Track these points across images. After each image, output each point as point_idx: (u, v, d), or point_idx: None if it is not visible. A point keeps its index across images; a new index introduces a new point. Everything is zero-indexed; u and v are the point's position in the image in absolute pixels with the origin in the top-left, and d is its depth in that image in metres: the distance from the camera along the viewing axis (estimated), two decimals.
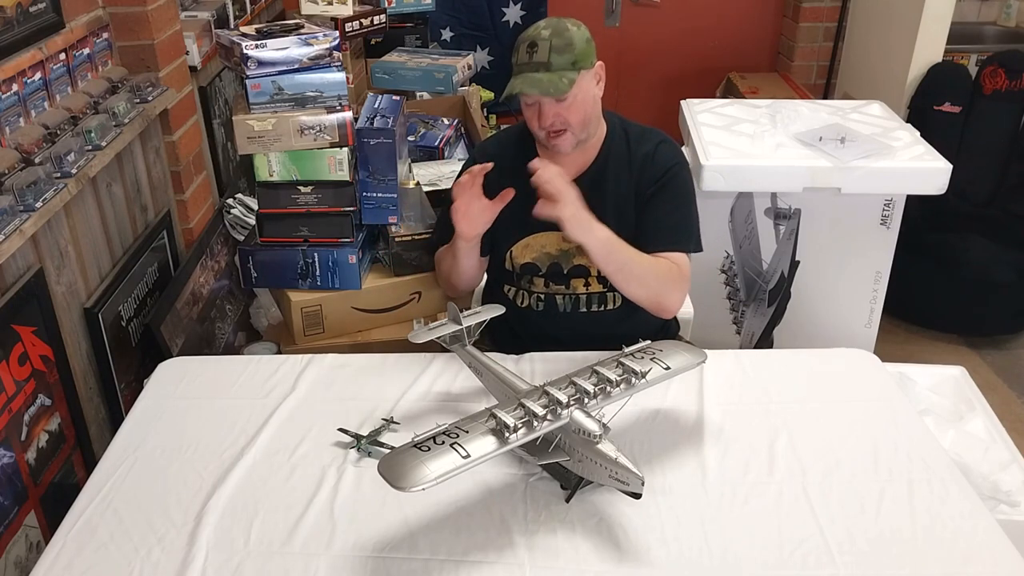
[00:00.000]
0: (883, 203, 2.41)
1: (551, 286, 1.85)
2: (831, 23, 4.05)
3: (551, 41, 1.66)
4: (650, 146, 1.81)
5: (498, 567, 1.28)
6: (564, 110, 1.69)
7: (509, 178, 1.80)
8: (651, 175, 1.79)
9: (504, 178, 1.79)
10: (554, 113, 1.69)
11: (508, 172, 1.79)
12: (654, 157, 1.80)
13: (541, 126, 1.72)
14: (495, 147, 1.92)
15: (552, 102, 1.68)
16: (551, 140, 1.73)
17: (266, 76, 1.96)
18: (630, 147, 1.81)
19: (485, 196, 1.74)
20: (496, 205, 1.74)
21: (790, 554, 1.29)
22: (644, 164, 1.79)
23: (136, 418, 1.63)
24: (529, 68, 1.67)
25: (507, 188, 1.73)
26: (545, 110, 1.69)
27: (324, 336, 2.14)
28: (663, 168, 1.79)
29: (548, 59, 1.65)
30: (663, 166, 1.79)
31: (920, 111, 3.20)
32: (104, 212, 1.97)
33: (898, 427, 1.57)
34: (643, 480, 1.25)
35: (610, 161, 1.80)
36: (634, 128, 1.85)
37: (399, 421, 1.58)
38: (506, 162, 1.81)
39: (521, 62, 1.68)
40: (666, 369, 1.45)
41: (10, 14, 1.65)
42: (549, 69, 1.65)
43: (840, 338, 2.47)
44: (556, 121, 1.70)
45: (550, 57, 1.65)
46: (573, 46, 1.67)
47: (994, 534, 1.33)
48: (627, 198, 1.79)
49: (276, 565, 1.29)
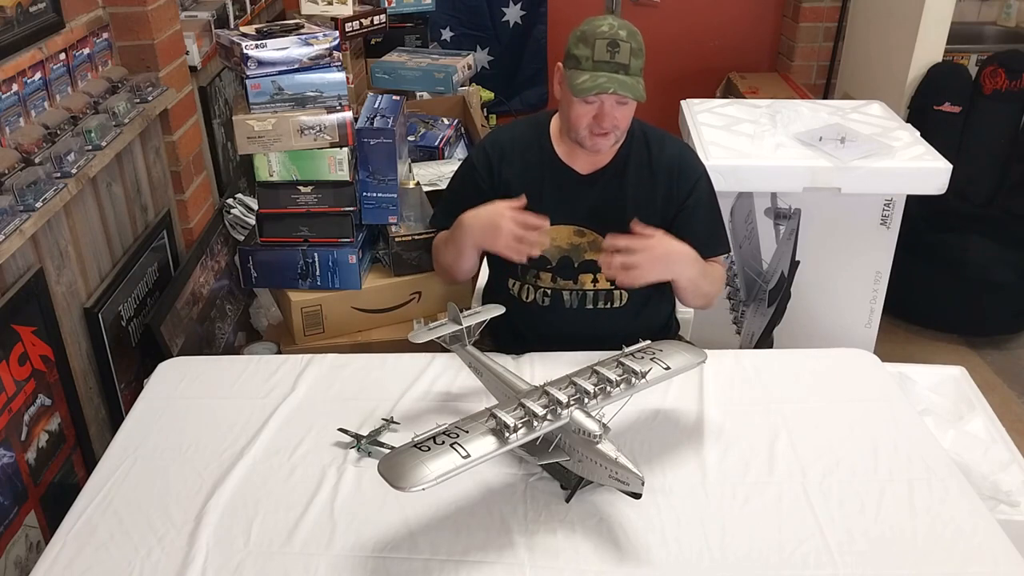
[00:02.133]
0: (883, 203, 2.41)
1: (558, 281, 1.85)
2: (831, 23, 4.05)
3: (631, 44, 1.63)
4: (674, 154, 1.81)
5: (498, 567, 1.27)
6: (622, 114, 1.68)
7: (521, 168, 1.80)
8: (682, 187, 1.80)
9: (516, 168, 1.79)
10: (613, 116, 1.67)
11: (520, 162, 1.79)
12: (681, 168, 1.81)
13: (597, 126, 1.68)
14: (508, 139, 1.87)
15: (615, 105, 1.66)
16: (595, 139, 1.71)
17: (266, 76, 1.96)
18: (650, 149, 1.81)
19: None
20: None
21: (790, 554, 1.29)
22: (671, 175, 1.79)
23: (136, 418, 1.63)
24: (610, 68, 1.63)
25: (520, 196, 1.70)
26: (608, 112, 1.66)
27: (324, 336, 2.14)
28: (693, 179, 1.81)
29: (628, 62, 1.63)
30: (692, 177, 1.81)
31: (920, 111, 3.19)
32: (104, 212, 1.97)
33: (898, 427, 1.57)
34: (643, 480, 1.24)
35: (631, 160, 1.80)
36: (653, 132, 1.85)
37: (399, 421, 1.58)
38: (518, 153, 1.80)
39: (600, 59, 1.63)
40: (666, 369, 1.45)
41: (10, 14, 1.65)
42: (628, 72, 1.63)
43: (840, 338, 2.47)
44: (611, 125, 1.68)
45: (630, 60, 1.63)
46: (643, 51, 1.66)
47: (994, 534, 1.33)
48: (650, 199, 1.80)
49: (276, 565, 1.29)
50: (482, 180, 1.83)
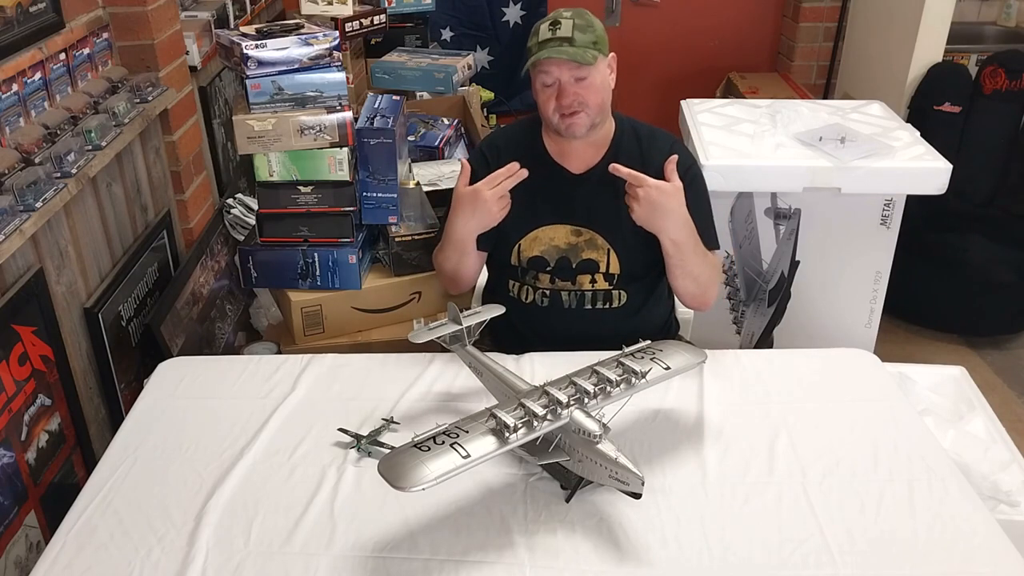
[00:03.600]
0: (883, 203, 2.41)
1: (557, 282, 1.85)
2: (831, 23, 4.05)
3: (573, 20, 1.68)
4: (664, 150, 1.81)
5: (498, 567, 1.28)
6: (583, 89, 1.70)
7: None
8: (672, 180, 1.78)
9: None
10: (573, 92, 1.70)
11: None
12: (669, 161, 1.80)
13: (559, 105, 1.71)
14: (503, 140, 1.92)
15: (572, 81, 1.69)
16: (565, 121, 1.73)
17: (266, 76, 1.96)
18: (641, 145, 1.82)
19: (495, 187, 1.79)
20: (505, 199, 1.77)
21: (790, 554, 1.29)
22: (660, 168, 1.78)
23: (136, 418, 1.63)
24: (553, 44, 1.67)
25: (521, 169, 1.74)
26: (565, 88, 1.70)
27: (324, 336, 2.14)
28: (680, 172, 1.79)
29: (571, 35, 1.67)
30: (680, 170, 1.79)
31: (920, 111, 3.19)
32: (104, 212, 1.97)
33: (898, 427, 1.57)
34: (643, 480, 1.25)
35: (620, 156, 1.80)
36: (643, 127, 1.86)
37: (399, 421, 1.58)
38: (513, 154, 1.81)
39: (543, 39, 1.68)
40: (666, 369, 1.45)
41: (10, 14, 1.65)
42: (572, 44, 1.67)
43: (840, 338, 2.47)
44: (575, 101, 1.70)
45: (573, 33, 1.67)
46: (594, 28, 1.70)
47: (994, 534, 1.33)
48: None
49: (276, 565, 1.29)
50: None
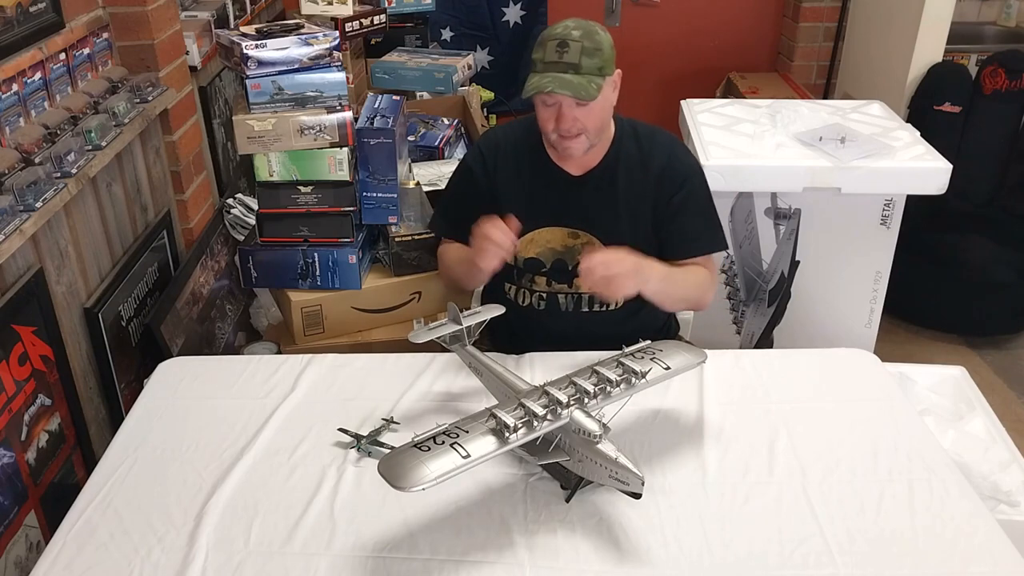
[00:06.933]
0: (883, 203, 2.41)
1: (553, 284, 1.84)
2: (831, 23, 4.05)
3: (583, 43, 1.61)
4: (664, 152, 1.79)
5: (498, 567, 1.28)
6: (583, 115, 1.65)
7: (515, 170, 1.80)
8: (671, 185, 1.78)
9: (510, 169, 1.79)
10: (573, 117, 1.65)
11: (514, 164, 1.79)
12: (672, 165, 1.79)
13: (558, 128, 1.67)
14: (503, 138, 1.88)
15: (573, 105, 1.64)
16: (564, 143, 1.70)
17: (266, 76, 1.96)
18: (640, 146, 1.80)
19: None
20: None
21: (790, 554, 1.29)
22: (662, 174, 1.78)
23: (136, 418, 1.63)
24: (558, 68, 1.61)
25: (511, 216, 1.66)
26: (565, 113, 1.65)
27: (324, 336, 2.14)
28: (683, 177, 1.79)
29: (579, 61, 1.60)
30: (682, 174, 1.79)
31: (920, 111, 3.19)
32: (104, 212, 1.97)
33: (898, 427, 1.57)
34: (643, 480, 1.25)
35: (620, 160, 1.78)
36: (643, 128, 1.83)
37: (399, 421, 1.58)
38: (512, 154, 1.80)
39: (549, 60, 1.62)
40: (666, 369, 1.45)
41: (10, 14, 1.65)
42: (578, 71, 1.60)
43: (840, 338, 2.47)
44: (574, 126, 1.66)
45: (581, 59, 1.60)
46: (602, 51, 1.63)
47: (994, 534, 1.33)
48: (642, 198, 1.78)
49: (276, 565, 1.29)
50: (479, 180, 1.83)
